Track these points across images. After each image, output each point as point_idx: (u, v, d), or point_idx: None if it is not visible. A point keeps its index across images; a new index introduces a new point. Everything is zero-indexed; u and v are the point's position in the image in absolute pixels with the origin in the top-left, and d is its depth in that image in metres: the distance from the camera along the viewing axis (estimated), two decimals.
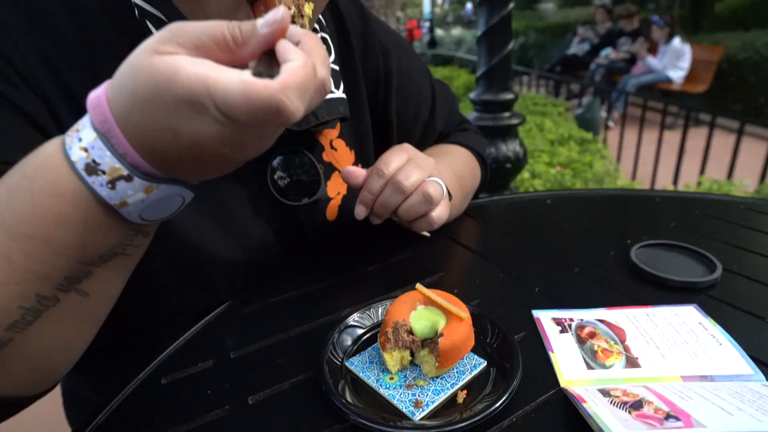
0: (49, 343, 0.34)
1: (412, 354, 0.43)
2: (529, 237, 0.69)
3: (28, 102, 0.40)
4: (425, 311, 0.44)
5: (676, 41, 5.26)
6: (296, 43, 0.30)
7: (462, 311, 0.43)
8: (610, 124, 4.62)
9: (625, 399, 0.36)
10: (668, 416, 0.33)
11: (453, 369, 0.43)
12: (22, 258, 0.30)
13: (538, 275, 0.58)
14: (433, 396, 0.40)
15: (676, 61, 5.31)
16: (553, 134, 3.00)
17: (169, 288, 0.51)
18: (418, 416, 0.38)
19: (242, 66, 0.28)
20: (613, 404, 0.36)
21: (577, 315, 0.50)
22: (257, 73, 0.28)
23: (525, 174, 2.35)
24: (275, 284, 0.58)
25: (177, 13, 0.45)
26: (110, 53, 0.44)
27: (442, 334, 0.41)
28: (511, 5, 1.44)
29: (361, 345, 0.47)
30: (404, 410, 0.38)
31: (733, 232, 0.67)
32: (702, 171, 2.75)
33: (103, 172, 0.29)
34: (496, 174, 1.57)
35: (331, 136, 0.62)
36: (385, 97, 0.67)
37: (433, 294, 0.45)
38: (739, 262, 0.59)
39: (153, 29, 0.45)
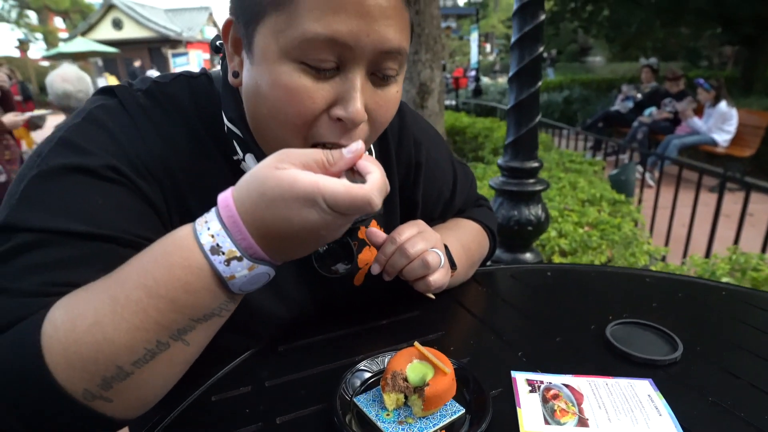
0: (156, 379, 0.46)
1: (406, 397, 0.55)
2: (524, 305, 0.80)
3: (154, 194, 0.56)
4: (419, 364, 0.56)
5: (723, 104, 5.25)
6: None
7: (447, 367, 0.54)
8: (650, 182, 4.62)
9: None
10: None
11: (437, 412, 0.54)
12: (154, 312, 0.43)
13: (524, 341, 0.69)
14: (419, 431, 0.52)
15: (721, 124, 5.28)
16: (585, 194, 3.07)
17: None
18: None
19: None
20: None
21: (547, 378, 0.60)
22: (352, 181, 0.45)
23: (552, 233, 2.42)
24: (304, 330, 0.72)
25: (250, 134, 0.60)
26: (209, 159, 0.60)
27: (428, 384, 0.52)
28: (539, 84, 1.58)
29: (367, 386, 0.59)
30: None
31: (706, 317, 0.75)
32: (736, 240, 2.74)
33: (223, 253, 0.43)
34: (518, 235, 1.68)
35: None
36: (414, 183, 0.80)
37: (426, 351, 0.57)
38: (703, 345, 0.68)
39: (236, 144, 0.60)
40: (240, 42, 0.54)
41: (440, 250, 0.69)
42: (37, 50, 26.61)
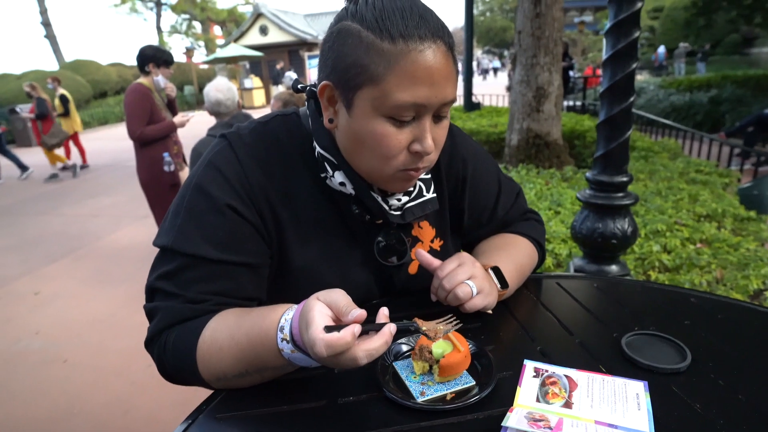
0: (243, 384, 0.72)
1: (431, 367, 0.72)
2: (559, 310, 0.91)
3: (256, 219, 0.79)
4: (442, 342, 0.73)
5: None
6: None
7: (462, 346, 0.70)
8: None
9: (537, 418, 0.60)
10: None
11: (453, 381, 0.70)
12: (247, 355, 0.69)
13: (546, 338, 0.82)
14: (434, 392, 0.68)
15: None
16: (706, 208, 2.85)
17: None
18: (419, 399, 0.67)
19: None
20: (526, 417, 0.60)
21: (552, 369, 0.72)
22: (364, 331, 0.61)
23: (654, 247, 2.33)
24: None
25: (340, 157, 0.80)
26: (298, 177, 0.83)
27: (444, 357, 0.69)
28: (632, 98, 1.59)
29: (405, 355, 0.77)
30: (414, 394, 0.68)
31: (735, 340, 0.80)
32: None
33: (289, 349, 0.65)
34: (602, 247, 1.70)
35: None
36: (461, 194, 0.97)
37: (450, 334, 0.73)
38: (716, 362, 0.73)
39: (327, 165, 0.81)
40: (334, 99, 0.75)
41: (477, 277, 0.83)
42: (199, 56, 30.56)
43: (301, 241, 0.83)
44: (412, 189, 0.86)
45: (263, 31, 22.97)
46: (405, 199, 0.85)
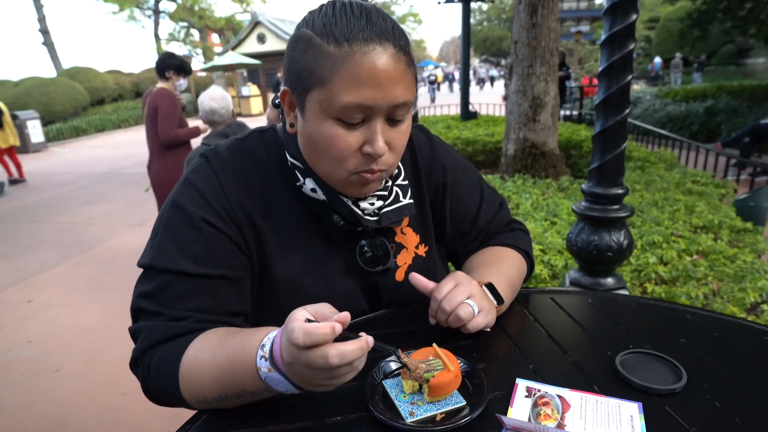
0: (223, 406, 0.70)
1: (421, 385, 0.70)
2: (553, 326, 0.90)
3: (235, 233, 0.78)
4: (432, 361, 0.71)
5: None
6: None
7: (452, 366, 0.69)
8: None
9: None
10: None
11: (443, 401, 0.69)
12: (226, 377, 0.66)
13: (539, 356, 0.80)
14: (423, 412, 0.67)
15: None
16: (702, 219, 2.85)
17: (276, 316, 0.83)
18: (408, 420, 0.65)
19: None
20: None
21: (545, 388, 0.71)
22: (343, 337, 0.60)
23: (651, 258, 2.32)
24: (364, 328, 0.90)
25: (307, 165, 0.80)
26: (276, 190, 0.83)
27: (434, 376, 0.67)
28: (626, 111, 1.59)
29: (395, 374, 0.75)
30: (403, 414, 0.66)
31: (729, 359, 0.79)
32: None
33: (266, 367, 0.62)
34: (598, 260, 1.69)
35: (403, 224, 0.93)
36: (442, 200, 0.97)
37: (441, 352, 0.71)
38: (712, 383, 0.72)
39: (298, 173, 0.82)
40: (294, 105, 0.77)
41: (476, 296, 0.81)
42: (197, 63, 30.64)
43: (283, 252, 0.83)
44: (387, 194, 0.86)
45: (261, 39, 23.04)
46: (379, 203, 0.85)
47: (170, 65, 3.53)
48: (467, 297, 0.80)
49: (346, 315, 0.61)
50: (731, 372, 0.75)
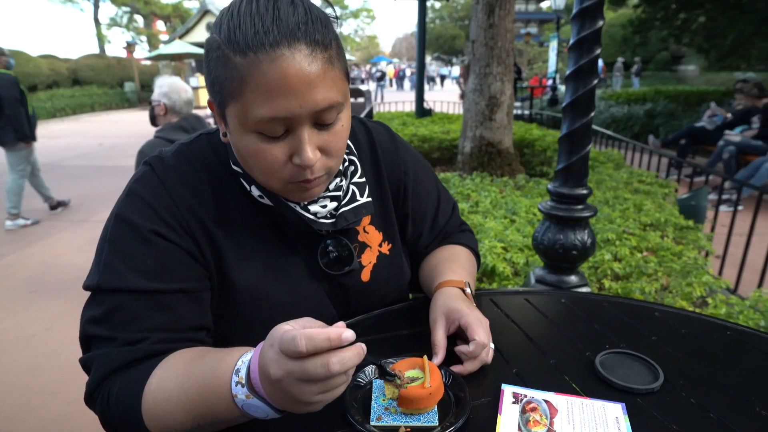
0: None
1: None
2: (530, 328, 0.91)
3: (187, 243, 0.73)
4: (415, 372, 0.70)
5: None
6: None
7: (429, 383, 0.66)
8: (727, 208, 4.36)
9: None
10: None
11: (417, 415, 0.66)
12: (198, 407, 0.61)
13: (521, 360, 0.80)
14: (390, 420, 0.66)
15: None
16: (650, 217, 3.00)
17: (240, 327, 0.81)
18: (373, 422, 0.65)
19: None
20: None
21: (531, 393, 0.71)
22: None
23: (606, 255, 2.42)
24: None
25: (246, 173, 0.76)
26: (229, 193, 0.78)
27: (405, 387, 0.66)
28: (592, 114, 1.63)
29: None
30: (372, 416, 0.66)
31: (699, 354, 0.82)
32: None
33: (243, 393, 0.57)
34: (563, 259, 1.74)
35: (364, 223, 0.91)
36: (404, 197, 0.96)
37: (427, 367, 0.70)
38: (686, 379, 0.75)
39: (243, 181, 0.78)
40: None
41: (486, 326, 0.79)
42: (141, 51, 29.21)
43: (242, 259, 0.79)
44: (341, 194, 0.83)
45: (210, 28, 22.28)
46: (333, 204, 0.81)
47: None
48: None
49: (340, 328, 0.56)
50: (702, 368, 0.79)
